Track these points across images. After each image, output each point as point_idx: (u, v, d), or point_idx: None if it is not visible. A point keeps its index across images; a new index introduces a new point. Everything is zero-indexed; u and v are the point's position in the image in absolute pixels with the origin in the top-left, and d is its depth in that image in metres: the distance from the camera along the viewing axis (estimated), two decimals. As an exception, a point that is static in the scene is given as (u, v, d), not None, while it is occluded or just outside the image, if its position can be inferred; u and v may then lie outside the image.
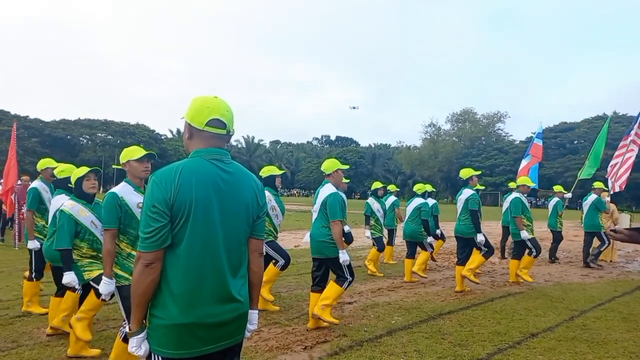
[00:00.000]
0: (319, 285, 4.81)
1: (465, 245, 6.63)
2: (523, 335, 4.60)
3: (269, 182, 5.51)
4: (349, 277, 4.68)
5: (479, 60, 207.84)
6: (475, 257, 6.61)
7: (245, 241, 1.89)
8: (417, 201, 7.52)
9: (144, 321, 1.77)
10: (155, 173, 1.78)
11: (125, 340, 3.10)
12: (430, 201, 8.02)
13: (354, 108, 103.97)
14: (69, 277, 3.69)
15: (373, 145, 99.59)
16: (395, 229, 9.13)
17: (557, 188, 10.33)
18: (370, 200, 8.05)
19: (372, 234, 7.92)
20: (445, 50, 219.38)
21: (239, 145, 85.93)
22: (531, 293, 6.63)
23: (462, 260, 6.58)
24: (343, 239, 4.69)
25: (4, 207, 10.45)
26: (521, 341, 4.42)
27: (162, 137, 71.71)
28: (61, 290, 4.23)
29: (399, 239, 9.26)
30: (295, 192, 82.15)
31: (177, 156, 63.00)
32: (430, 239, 7.64)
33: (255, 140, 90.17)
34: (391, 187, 9.36)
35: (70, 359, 3.74)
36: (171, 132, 77.47)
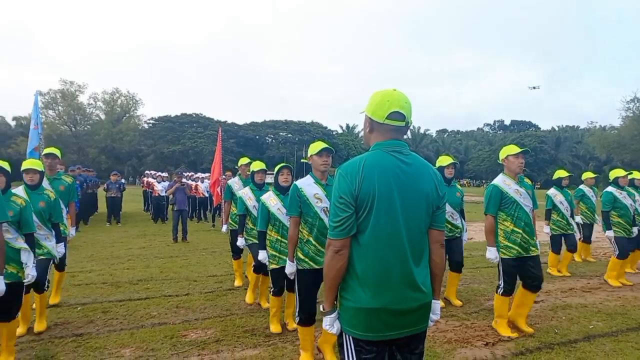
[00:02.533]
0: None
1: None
2: None
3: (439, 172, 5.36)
4: (500, 282, 4.24)
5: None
6: None
7: (425, 231, 1.91)
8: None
9: (335, 302, 1.94)
10: (341, 166, 1.92)
11: (301, 323, 3.46)
12: None
13: (533, 88, 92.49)
14: (262, 255, 4.24)
15: (557, 128, 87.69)
16: (593, 224, 7.90)
17: None
18: (552, 192, 6.99)
19: (551, 230, 7.00)
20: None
21: (405, 137, 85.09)
22: None
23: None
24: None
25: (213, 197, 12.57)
26: None
27: (334, 133, 76.01)
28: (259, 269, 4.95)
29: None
30: (465, 182, 77.92)
31: (347, 150, 66.09)
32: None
33: (421, 131, 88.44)
34: (587, 175, 8.05)
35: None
36: (341, 127, 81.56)
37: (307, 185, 3.45)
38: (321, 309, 1.95)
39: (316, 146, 3.48)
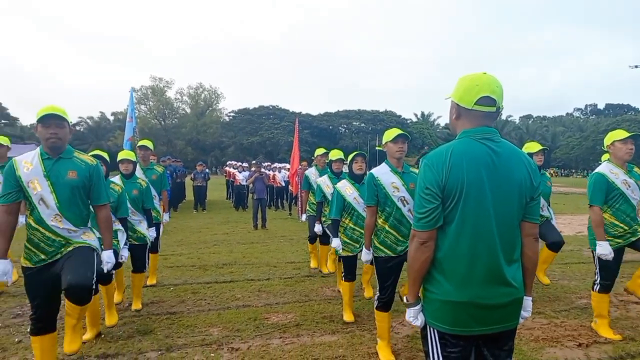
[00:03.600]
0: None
1: None
2: None
3: None
4: (597, 278, 3.89)
5: None
6: None
7: (518, 224, 1.82)
8: None
9: (419, 294, 1.91)
10: (426, 156, 1.86)
11: (378, 308, 3.44)
12: None
13: (636, 67, 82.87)
14: (336, 242, 4.32)
15: (662, 111, 77.97)
16: None
17: None
18: None
19: None
20: None
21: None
22: None
23: None
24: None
25: (290, 187, 12.95)
26: None
27: (408, 121, 74.36)
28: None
29: None
30: (552, 171, 72.23)
31: (421, 139, 64.40)
32: None
33: (502, 117, 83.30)
34: None
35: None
36: (415, 115, 79.56)
37: (384, 173, 3.41)
38: (404, 300, 1.93)
39: (391, 133, 3.42)
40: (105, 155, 4.01)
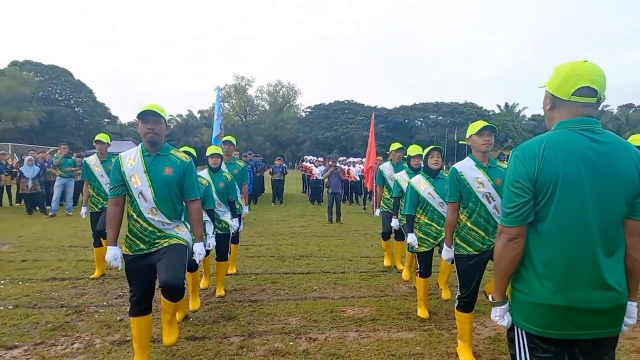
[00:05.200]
0: None
1: None
2: None
3: None
4: None
5: None
6: None
7: (622, 222, 1.66)
8: None
9: (506, 293, 1.81)
10: (517, 147, 1.76)
11: (459, 308, 3.31)
12: None
13: None
14: (411, 238, 4.24)
15: None
16: None
17: None
18: None
19: None
20: None
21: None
22: None
23: None
24: None
25: (365, 182, 12.92)
26: None
27: (490, 113, 70.56)
28: None
29: None
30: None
31: (505, 131, 60.72)
32: None
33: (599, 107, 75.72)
34: None
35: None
36: (499, 107, 75.16)
37: (468, 168, 3.25)
38: (490, 299, 1.85)
39: (476, 125, 3.27)
40: (193, 151, 4.29)
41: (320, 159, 20.42)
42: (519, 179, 1.68)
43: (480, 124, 3.25)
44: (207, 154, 4.90)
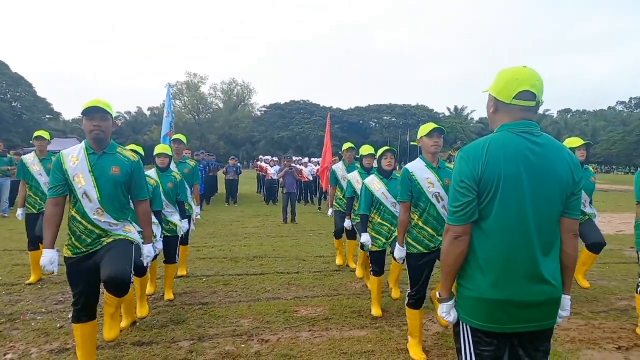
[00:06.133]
0: None
1: None
2: None
3: None
4: None
5: None
6: None
7: (557, 220, 1.76)
8: None
9: (452, 290, 1.87)
10: (463, 149, 1.83)
11: (409, 305, 3.38)
12: None
13: None
14: (365, 238, 4.26)
15: None
16: None
17: None
18: None
19: None
20: None
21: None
22: None
23: None
24: None
25: (320, 182, 12.96)
26: None
27: (441, 116, 72.97)
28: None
29: None
30: (591, 167, 68.84)
31: (454, 133, 63.05)
32: None
33: (540, 111, 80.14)
34: None
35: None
36: (449, 110, 77.96)
37: (419, 169, 3.34)
38: (437, 295, 1.90)
39: (426, 127, 3.35)
40: (140, 150, 4.12)
41: (276, 158, 20.28)
42: (464, 179, 1.74)
43: (430, 126, 3.33)
44: (155, 153, 4.72)
